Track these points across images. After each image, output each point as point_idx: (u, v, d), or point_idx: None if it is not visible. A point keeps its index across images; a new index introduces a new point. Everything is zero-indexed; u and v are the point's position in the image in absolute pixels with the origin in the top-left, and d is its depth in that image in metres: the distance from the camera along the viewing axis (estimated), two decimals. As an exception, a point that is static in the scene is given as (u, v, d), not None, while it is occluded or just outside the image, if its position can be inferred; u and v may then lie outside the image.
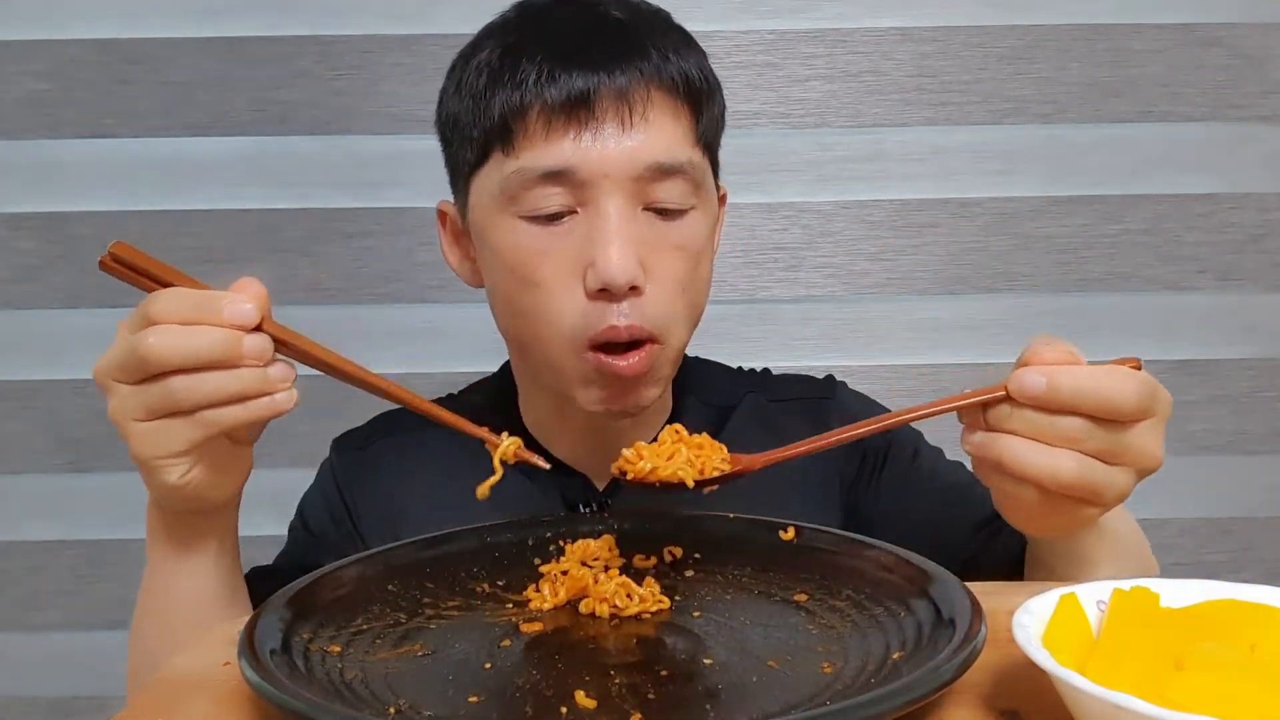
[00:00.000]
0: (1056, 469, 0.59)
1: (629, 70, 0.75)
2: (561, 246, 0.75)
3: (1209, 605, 0.50)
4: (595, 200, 0.74)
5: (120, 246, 0.62)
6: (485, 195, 0.78)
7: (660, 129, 0.76)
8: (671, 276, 0.77)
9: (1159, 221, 1.38)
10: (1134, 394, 0.58)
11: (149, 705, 0.52)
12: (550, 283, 0.75)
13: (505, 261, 0.77)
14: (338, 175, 1.36)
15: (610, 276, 0.72)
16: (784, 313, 1.38)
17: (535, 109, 0.74)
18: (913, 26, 1.37)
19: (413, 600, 0.63)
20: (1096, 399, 0.58)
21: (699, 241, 0.79)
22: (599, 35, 0.77)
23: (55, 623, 1.42)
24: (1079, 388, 0.58)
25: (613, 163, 0.74)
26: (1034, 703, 0.48)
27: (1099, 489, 0.60)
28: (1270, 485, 1.38)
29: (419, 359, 1.38)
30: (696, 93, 0.79)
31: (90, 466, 1.40)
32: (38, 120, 1.36)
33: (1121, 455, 0.60)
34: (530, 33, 0.78)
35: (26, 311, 1.38)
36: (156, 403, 0.60)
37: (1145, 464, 0.61)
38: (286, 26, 1.35)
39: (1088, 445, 0.59)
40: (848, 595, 0.61)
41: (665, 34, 0.80)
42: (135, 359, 0.59)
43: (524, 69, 0.75)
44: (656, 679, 0.52)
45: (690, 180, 0.77)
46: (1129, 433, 0.59)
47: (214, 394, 0.59)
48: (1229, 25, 1.37)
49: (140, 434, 0.61)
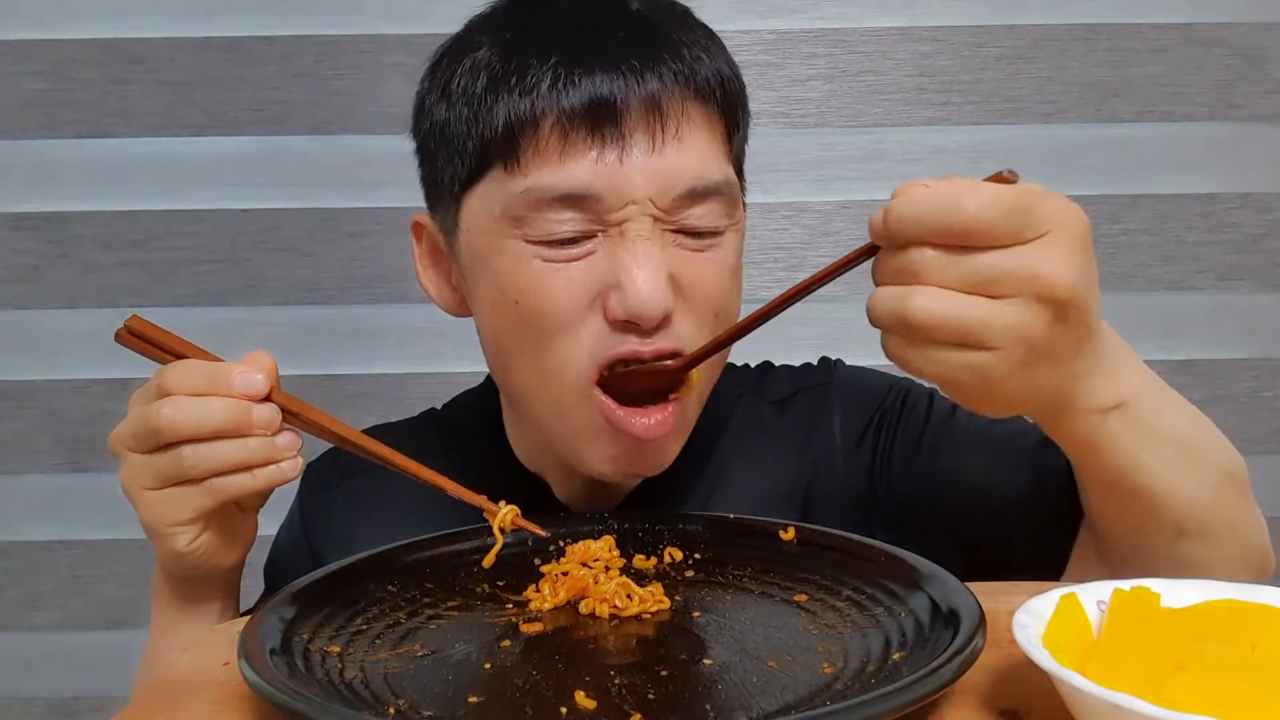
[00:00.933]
0: (904, 307, 0.50)
1: (660, 73, 0.65)
2: (577, 272, 0.66)
3: (1209, 605, 0.50)
4: (619, 224, 0.65)
5: (136, 320, 0.63)
6: (483, 216, 0.68)
7: (695, 145, 0.66)
8: (705, 300, 0.68)
9: (1159, 221, 1.38)
10: (981, 209, 0.48)
11: (149, 705, 0.52)
12: (562, 312, 0.66)
13: (508, 290, 0.67)
14: (337, 175, 1.36)
15: (639, 305, 0.64)
16: (784, 313, 1.38)
17: (549, 120, 0.64)
18: (913, 26, 1.37)
19: (413, 600, 0.63)
20: (934, 220, 0.49)
21: (733, 262, 0.70)
22: (619, 28, 0.67)
23: (54, 623, 1.42)
24: (918, 212, 0.50)
25: (641, 187, 0.64)
26: (1034, 703, 0.48)
27: (971, 326, 0.50)
28: (1270, 485, 1.38)
29: (419, 359, 1.38)
30: (732, 99, 0.70)
31: (90, 466, 1.40)
32: (37, 120, 1.36)
33: (993, 284, 0.49)
34: (535, 25, 0.68)
35: (26, 311, 1.38)
36: (167, 470, 0.60)
37: (1038, 287, 0.49)
38: (285, 26, 1.35)
39: (947, 277, 0.49)
40: (848, 595, 0.61)
41: (691, 28, 0.69)
42: (149, 429, 0.60)
43: (533, 71, 0.65)
44: (656, 679, 0.52)
45: (725, 201, 0.68)
46: (999, 256, 0.49)
47: (223, 462, 0.60)
48: (1229, 25, 1.37)
49: (150, 502, 0.62)
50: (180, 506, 0.62)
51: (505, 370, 0.72)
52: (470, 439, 0.85)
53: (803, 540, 0.68)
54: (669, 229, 0.67)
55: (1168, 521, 0.61)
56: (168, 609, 0.72)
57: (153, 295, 1.37)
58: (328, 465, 0.88)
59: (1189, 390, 0.60)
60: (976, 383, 0.52)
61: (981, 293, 0.50)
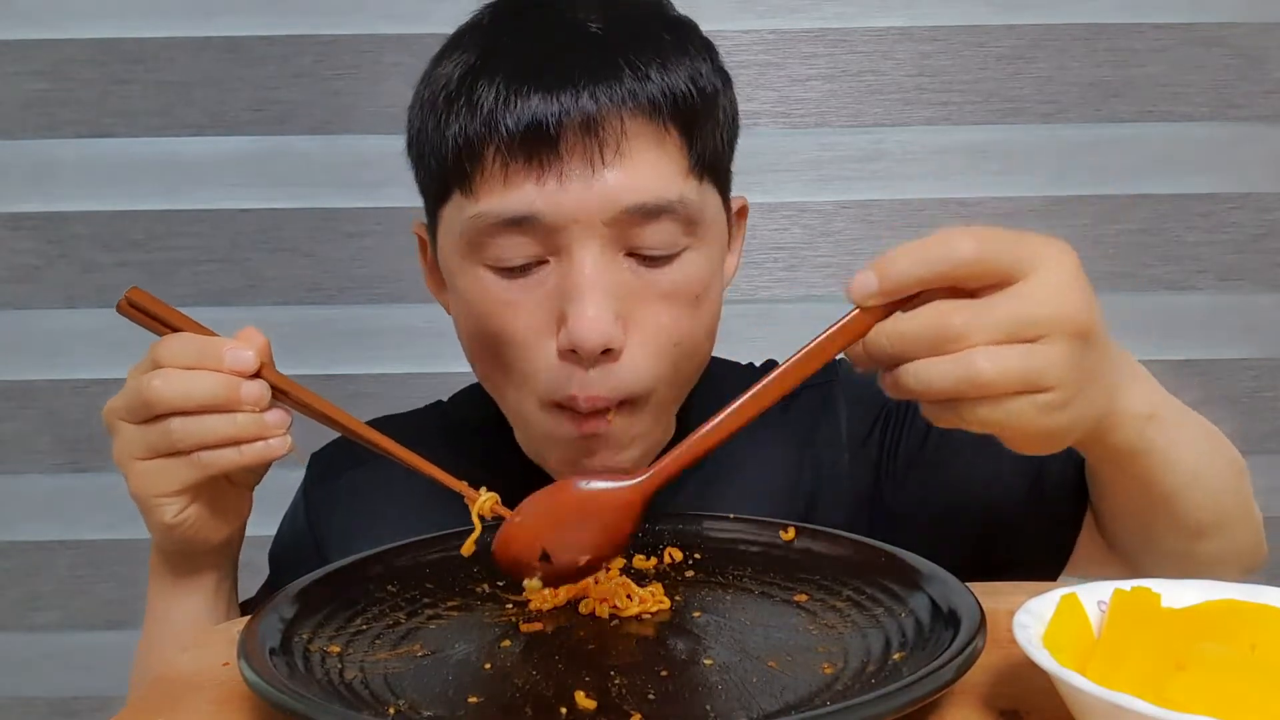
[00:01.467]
0: (971, 372, 0.50)
1: (596, 93, 0.64)
2: (533, 299, 0.67)
3: (1209, 605, 0.50)
4: (567, 248, 0.65)
5: (136, 292, 0.64)
6: (449, 237, 0.70)
7: (639, 164, 0.65)
8: (658, 331, 0.67)
9: (1159, 221, 1.38)
10: (971, 246, 0.50)
11: (149, 705, 0.52)
12: (520, 338, 0.67)
13: (471, 313, 0.70)
14: (337, 175, 1.36)
15: (581, 337, 0.64)
16: (784, 313, 1.38)
17: (491, 145, 0.65)
18: (913, 26, 1.37)
19: (413, 600, 0.63)
20: (932, 267, 0.50)
21: (696, 284, 0.69)
22: (569, 50, 0.66)
23: (55, 623, 1.42)
24: (910, 261, 0.50)
25: (583, 208, 0.64)
26: (1034, 703, 0.48)
27: (1030, 372, 0.50)
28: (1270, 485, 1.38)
29: (419, 359, 1.38)
30: (688, 112, 0.67)
31: (90, 466, 1.40)
32: (37, 120, 1.36)
33: (1030, 329, 0.50)
34: (497, 45, 0.68)
35: (26, 311, 1.38)
36: (156, 442, 0.62)
37: (1065, 325, 0.51)
38: (285, 26, 1.35)
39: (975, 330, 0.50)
40: (848, 595, 0.61)
41: (651, 41, 0.68)
42: (139, 400, 0.61)
43: (480, 91, 0.65)
44: (656, 679, 0.52)
45: (680, 219, 0.67)
46: (1023, 302, 0.50)
47: (210, 435, 0.61)
48: (1229, 25, 1.37)
49: (139, 472, 0.63)
50: (168, 478, 0.63)
51: (482, 376, 0.75)
52: (475, 430, 0.85)
53: (803, 540, 0.68)
54: (621, 252, 0.66)
55: (1191, 519, 0.63)
56: (163, 586, 0.72)
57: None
58: (332, 454, 0.89)
59: (1189, 390, 0.60)
60: (1043, 421, 0.53)
61: (1021, 339, 0.51)
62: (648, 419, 0.70)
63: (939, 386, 0.51)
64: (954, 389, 0.51)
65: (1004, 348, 0.50)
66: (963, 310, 0.50)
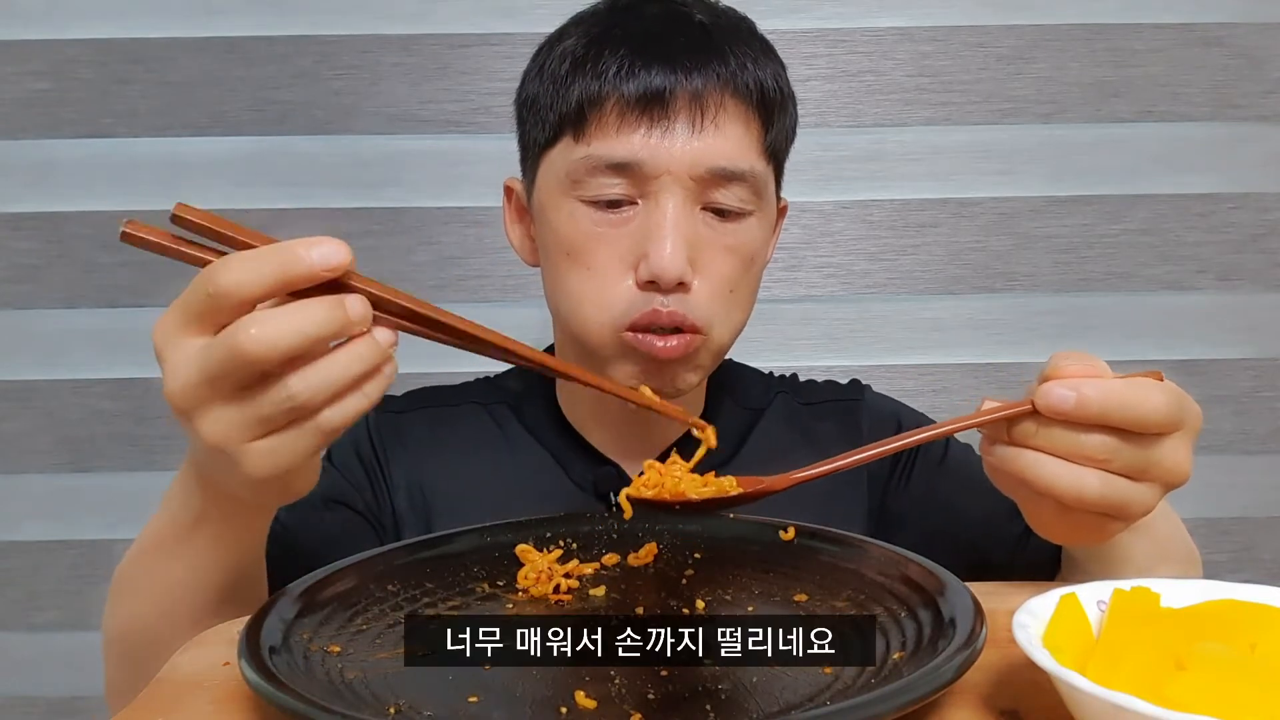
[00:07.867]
0: (1081, 487, 0.57)
1: (706, 73, 0.77)
2: (618, 234, 0.77)
3: (1209, 605, 0.50)
4: (655, 195, 0.77)
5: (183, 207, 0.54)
6: (551, 176, 0.81)
7: (728, 134, 0.78)
8: (720, 276, 0.79)
9: (1159, 221, 1.38)
10: (1162, 406, 0.57)
11: (149, 705, 0.52)
12: (602, 268, 0.78)
13: (561, 242, 0.79)
14: (337, 175, 1.36)
15: (661, 269, 0.75)
16: (784, 313, 1.38)
17: (611, 100, 0.77)
18: (913, 26, 1.37)
19: (413, 600, 0.63)
20: (1124, 413, 0.56)
21: (753, 246, 0.81)
22: (682, 35, 0.79)
23: (55, 623, 1.42)
24: (1107, 402, 0.56)
25: (677, 161, 0.76)
26: (1034, 703, 0.48)
27: (1124, 505, 0.58)
28: (1270, 485, 1.38)
29: (419, 359, 1.38)
30: (770, 103, 0.81)
31: (90, 466, 1.40)
32: (37, 120, 1.36)
33: (1148, 471, 0.58)
34: (616, 25, 0.80)
35: (25, 311, 1.38)
36: (271, 413, 0.49)
37: (1172, 479, 0.59)
38: (285, 26, 1.35)
39: (1115, 463, 0.57)
40: (848, 595, 0.61)
41: (746, 41, 0.82)
42: (237, 361, 0.47)
43: (605, 60, 0.77)
44: (656, 679, 0.52)
45: (751, 187, 0.79)
46: (1156, 447, 0.58)
47: (339, 384, 0.49)
48: (1229, 25, 1.37)
49: (258, 453, 0.50)
50: (291, 451, 0.50)
51: (557, 305, 0.83)
52: (523, 400, 0.93)
53: (802, 540, 0.68)
54: (699, 206, 0.78)
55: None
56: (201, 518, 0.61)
57: (153, 295, 1.37)
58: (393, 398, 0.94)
59: (1188, 390, 0.60)
60: (1092, 531, 0.61)
61: (1137, 477, 0.58)
62: (705, 354, 0.80)
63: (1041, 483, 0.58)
64: (1060, 493, 0.58)
65: (1115, 478, 0.58)
66: (1113, 439, 0.57)
